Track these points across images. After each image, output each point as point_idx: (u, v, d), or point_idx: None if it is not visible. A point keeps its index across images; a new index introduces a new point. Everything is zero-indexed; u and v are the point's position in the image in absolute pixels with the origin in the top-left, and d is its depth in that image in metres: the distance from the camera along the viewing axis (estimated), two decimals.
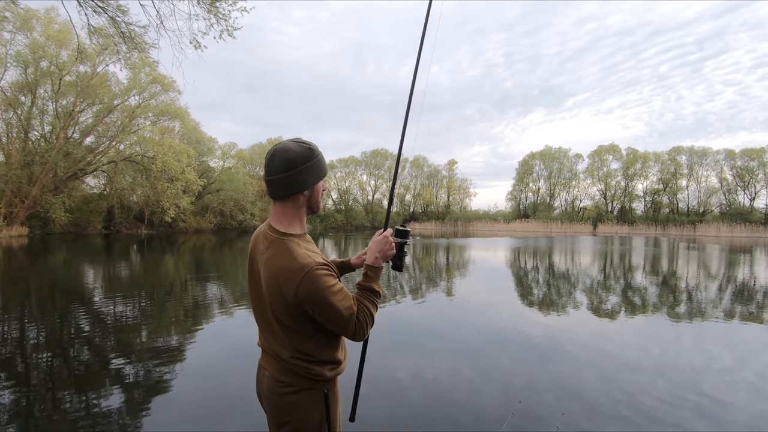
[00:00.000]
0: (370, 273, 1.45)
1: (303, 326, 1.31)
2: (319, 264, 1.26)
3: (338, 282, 1.30)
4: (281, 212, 1.36)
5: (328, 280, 1.25)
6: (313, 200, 1.40)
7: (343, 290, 1.29)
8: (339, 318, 1.27)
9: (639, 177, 54.08)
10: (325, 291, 1.23)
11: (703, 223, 45.98)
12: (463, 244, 25.17)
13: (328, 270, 1.28)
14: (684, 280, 11.53)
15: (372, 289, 1.42)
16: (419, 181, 65.15)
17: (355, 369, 1.71)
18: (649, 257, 18.75)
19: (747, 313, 7.41)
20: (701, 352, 5.17)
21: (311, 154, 1.34)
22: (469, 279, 11.32)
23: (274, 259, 1.28)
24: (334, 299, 1.24)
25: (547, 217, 52.87)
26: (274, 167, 1.31)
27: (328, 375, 1.38)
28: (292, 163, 1.29)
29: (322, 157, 1.38)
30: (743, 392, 3.90)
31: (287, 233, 1.33)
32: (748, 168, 48.18)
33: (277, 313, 1.30)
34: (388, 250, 1.49)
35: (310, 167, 1.33)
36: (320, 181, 1.40)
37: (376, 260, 1.47)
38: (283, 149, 1.31)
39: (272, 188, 1.34)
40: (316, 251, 1.37)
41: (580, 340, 5.53)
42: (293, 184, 1.31)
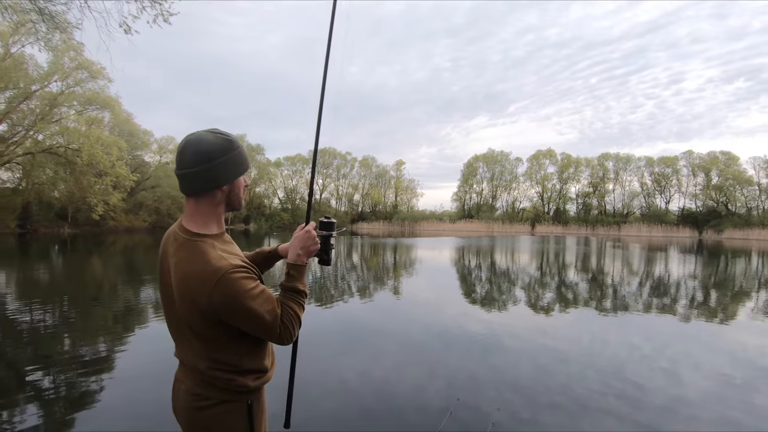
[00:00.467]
0: (293, 272, 1.35)
1: (221, 334, 1.20)
2: (235, 267, 1.15)
3: (258, 284, 1.20)
4: (195, 210, 1.24)
5: (246, 284, 1.15)
6: (233, 196, 1.29)
7: (264, 293, 1.20)
8: (262, 323, 1.18)
9: (572, 180, 58.04)
10: (243, 296, 1.13)
11: (627, 223, 50.30)
12: (410, 244, 25.58)
13: (246, 272, 1.18)
14: (610, 277, 12.53)
15: (296, 288, 1.32)
16: (368, 180, 65.34)
17: (287, 374, 1.63)
18: (580, 255, 20.18)
19: (662, 305, 8.20)
20: (624, 342, 5.64)
21: (230, 146, 1.23)
22: (416, 278, 11.52)
23: (184, 263, 1.17)
24: (253, 304, 1.15)
25: (490, 217, 55.19)
26: (187, 160, 1.18)
27: (252, 385, 1.28)
28: (208, 156, 1.18)
29: (242, 150, 1.27)
30: (659, 377, 4.30)
31: (200, 233, 1.22)
32: (664, 174, 53.36)
33: (191, 321, 1.19)
34: (311, 245, 1.40)
35: (229, 160, 1.22)
36: (241, 176, 1.28)
37: (298, 257, 1.37)
38: (196, 140, 1.19)
39: (184, 183, 1.21)
40: (235, 252, 1.27)
41: (519, 335, 5.82)
42: (209, 178, 1.20)
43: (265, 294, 1.20)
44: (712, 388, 4.04)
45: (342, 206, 65.25)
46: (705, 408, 3.58)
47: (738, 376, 4.40)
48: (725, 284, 11.52)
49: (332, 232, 1.48)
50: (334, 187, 64.98)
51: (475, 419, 3.25)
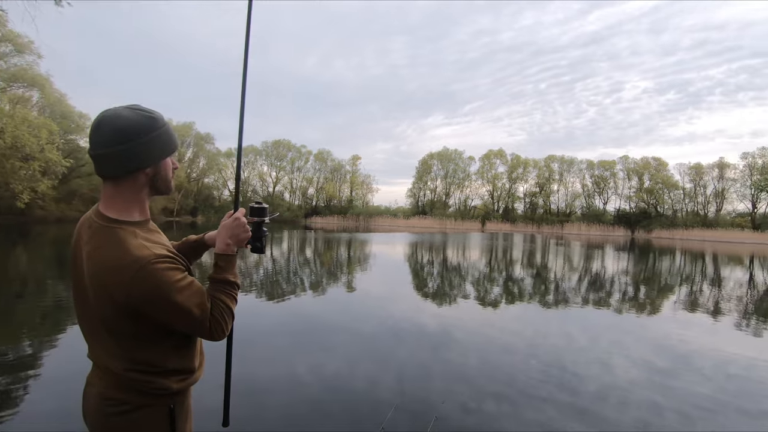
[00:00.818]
0: (222, 263, 1.24)
1: (141, 331, 1.09)
2: (159, 256, 1.05)
3: (186, 276, 1.11)
4: (113, 194, 1.12)
5: (172, 275, 1.05)
6: (159, 179, 1.17)
7: (192, 285, 1.10)
8: (190, 318, 1.08)
9: (520, 180, 60.70)
10: (168, 288, 1.03)
11: (569, 222, 53.43)
12: (364, 239, 25.63)
13: (172, 262, 1.08)
14: (552, 272, 13.26)
15: (226, 280, 1.22)
16: (323, 174, 64.63)
17: (222, 370, 1.45)
18: (526, 252, 21.17)
19: (598, 299, 8.80)
20: (564, 334, 6.00)
21: (154, 123, 1.12)
22: (370, 273, 11.57)
23: (99, 252, 1.05)
24: (180, 297, 1.05)
25: (443, 214, 56.52)
26: (103, 139, 1.07)
27: (175, 387, 1.17)
28: (128, 134, 1.07)
29: (169, 129, 1.17)
30: (594, 366, 4.62)
31: (119, 220, 1.10)
32: (602, 177, 57.15)
33: (106, 317, 1.07)
34: (240, 233, 1.29)
35: (154, 140, 1.11)
36: (168, 157, 1.18)
37: (227, 247, 1.26)
38: (114, 116, 1.07)
39: (100, 165, 1.09)
40: (161, 242, 1.16)
41: (469, 328, 6.02)
42: (130, 159, 1.08)
43: (194, 286, 1.11)
44: (639, 375, 4.40)
45: (296, 200, 64.15)
46: (633, 392, 3.89)
47: (661, 363, 4.82)
48: (652, 280, 12.56)
49: (264, 218, 1.39)
50: (288, 180, 63.73)
51: (421, 411, 3.32)
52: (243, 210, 1.34)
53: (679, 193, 52.41)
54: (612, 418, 3.36)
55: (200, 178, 55.38)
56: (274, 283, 9.18)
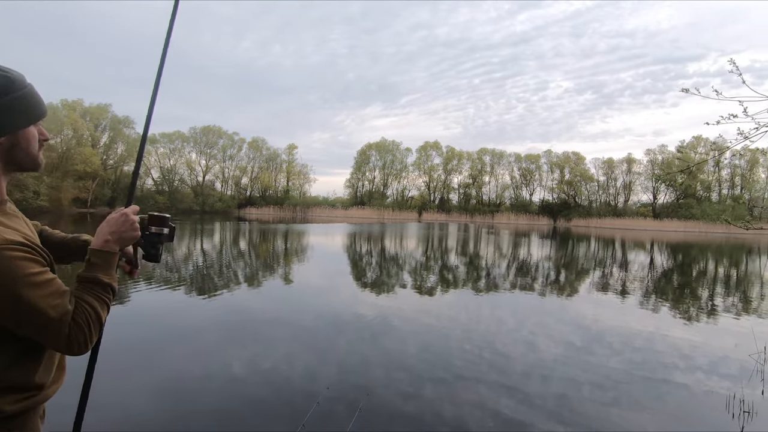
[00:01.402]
0: (96, 260, 1.02)
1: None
2: (10, 242, 0.86)
3: (46, 270, 0.91)
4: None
5: (24, 266, 0.86)
6: (19, 152, 0.98)
7: (50, 283, 0.90)
8: (42, 321, 0.87)
9: (455, 172, 62.94)
10: (17, 282, 0.84)
11: (499, 212, 56.55)
12: (301, 230, 25.17)
13: (27, 252, 0.88)
14: (484, 260, 13.99)
15: (98, 280, 1.00)
16: (257, 163, 62.15)
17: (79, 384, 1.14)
18: (460, 241, 22.10)
19: (524, 284, 9.44)
20: (494, 318, 6.36)
21: (10, 85, 0.93)
22: (308, 264, 11.40)
23: None
24: (31, 294, 0.85)
25: (381, 204, 57.09)
26: None
27: (10, 410, 0.92)
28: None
29: (29, 92, 0.98)
30: (521, 346, 4.96)
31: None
32: (529, 170, 61.04)
33: None
34: (126, 230, 1.08)
35: (9, 103, 0.93)
36: (31, 125, 0.99)
37: (106, 243, 1.04)
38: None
39: None
40: (17, 228, 0.95)
41: (406, 316, 6.17)
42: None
43: (53, 284, 0.91)
44: (560, 352, 4.80)
45: (228, 190, 61.16)
46: (555, 369, 4.23)
47: (578, 341, 5.30)
48: (571, 265, 13.72)
49: (164, 229, 1.19)
50: (219, 169, 60.52)
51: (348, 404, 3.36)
52: (136, 207, 1.15)
53: (594, 185, 57.62)
54: (536, 392, 3.64)
55: (118, 166, 50.69)
56: (205, 277, 8.72)
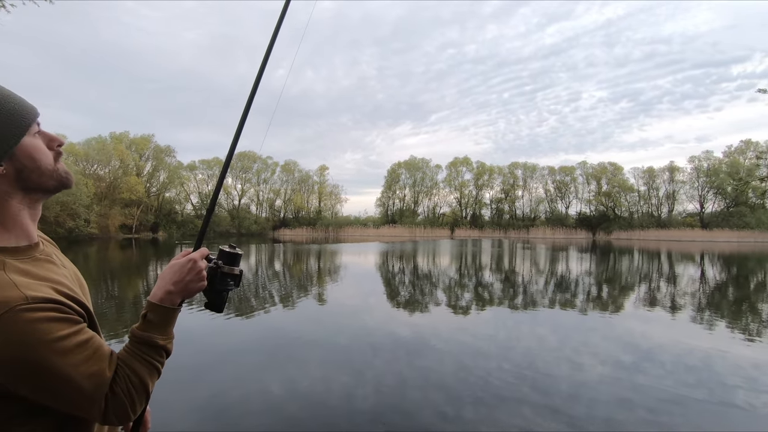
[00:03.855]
0: (153, 317, 0.88)
1: (4, 415, 0.73)
2: (34, 300, 0.71)
3: (79, 329, 0.76)
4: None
5: (51, 329, 0.71)
6: (32, 174, 0.81)
7: (84, 346, 0.75)
8: (73, 393, 0.73)
9: (486, 187, 62.24)
10: (41, 350, 0.69)
11: (534, 227, 55.10)
12: (334, 250, 25.41)
13: (54, 310, 0.73)
14: (520, 276, 13.59)
15: (152, 342, 0.85)
16: (290, 185, 63.76)
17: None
18: (495, 257, 21.62)
19: (564, 300, 9.07)
20: (534, 335, 6.13)
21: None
22: (341, 284, 11.45)
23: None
24: (60, 363, 0.71)
25: (412, 222, 57.00)
26: None
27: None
28: None
29: (11, 100, 0.78)
30: (564, 366, 4.73)
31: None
32: (564, 182, 59.44)
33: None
34: (192, 280, 0.93)
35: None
36: (26, 136, 0.79)
37: (167, 296, 0.90)
38: None
39: None
40: (47, 278, 0.79)
41: (442, 335, 6.05)
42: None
43: (89, 347, 0.76)
44: (607, 372, 4.54)
45: (263, 212, 62.89)
46: (602, 390, 4.00)
47: (626, 359, 5.00)
48: (614, 279, 13.10)
49: (234, 268, 1.07)
50: (254, 192, 62.48)
51: (386, 425, 3.29)
52: (206, 251, 1.00)
53: (635, 195, 55.26)
54: (584, 415, 3.44)
55: (161, 192, 53.35)
56: (242, 299, 8.91)
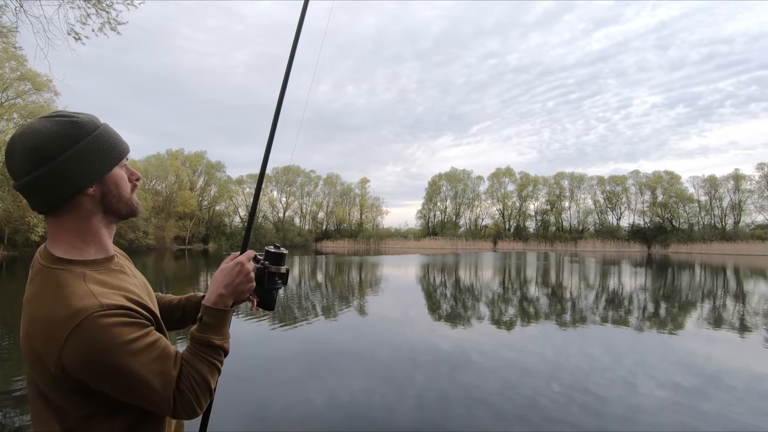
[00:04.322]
0: (208, 319, 0.95)
1: (82, 407, 0.81)
2: (107, 307, 0.78)
3: (147, 333, 0.83)
4: (57, 231, 0.87)
5: (123, 332, 0.78)
6: (112, 198, 0.90)
7: (154, 346, 0.83)
8: (146, 390, 0.81)
9: (531, 198, 60.41)
10: (116, 350, 0.76)
11: (582, 239, 52.70)
12: (375, 262, 25.51)
13: (128, 316, 0.81)
14: (568, 291, 12.98)
15: (209, 342, 0.93)
16: (332, 198, 65.04)
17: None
18: (540, 270, 20.83)
19: (617, 317, 8.55)
20: (584, 354, 5.80)
21: (80, 130, 0.85)
22: (382, 296, 11.45)
23: (33, 303, 0.82)
24: (132, 363, 0.78)
25: (453, 234, 56.22)
26: (18, 165, 0.83)
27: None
28: (45, 152, 0.81)
29: (105, 132, 0.89)
30: (618, 387, 4.43)
31: (65, 259, 0.85)
32: (614, 192, 56.58)
33: (39, 383, 0.82)
34: (241, 282, 1.00)
35: (85, 150, 0.84)
36: (115, 168, 0.90)
37: (219, 299, 0.97)
38: (26, 134, 0.82)
39: (28, 198, 0.86)
40: (121, 287, 0.87)
41: (486, 350, 5.87)
42: (57, 184, 0.83)
43: (156, 348, 0.84)
44: (666, 396, 4.21)
45: (306, 224, 64.43)
46: (661, 415, 3.71)
47: (688, 383, 4.62)
48: (673, 296, 12.20)
49: (281, 267, 1.11)
50: (298, 205, 64.24)
51: None
52: (252, 253, 1.07)
53: (694, 206, 51.53)
54: None
55: (212, 206, 56.16)
56: (286, 309, 9.11)
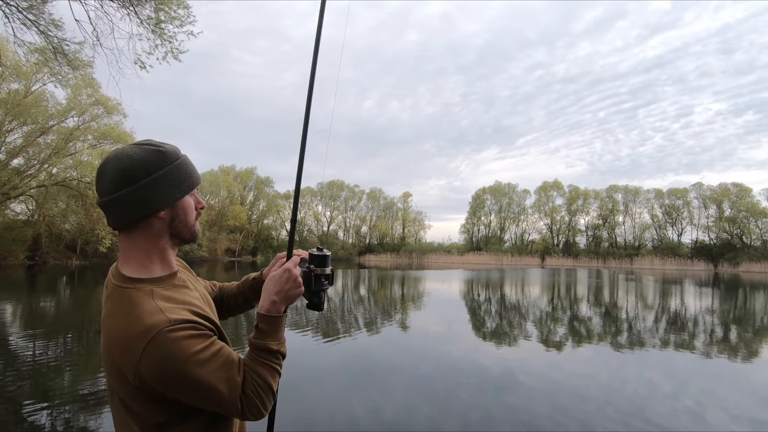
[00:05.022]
0: (264, 326, 1.01)
1: (161, 414, 0.89)
2: (175, 322, 0.85)
3: (211, 342, 0.90)
4: (128, 247, 0.95)
5: (189, 345, 0.85)
6: (179, 224, 0.98)
7: (218, 355, 0.90)
8: (215, 396, 0.88)
9: (581, 212, 57.69)
10: (185, 362, 0.84)
11: (639, 256, 49.41)
12: (418, 276, 25.29)
13: (193, 328, 0.88)
14: (624, 310, 12.17)
15: (267, 348, 0.99)
16: (375, 212, 65.61)
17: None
18: (592, 288, 19.73)
19: (681, 341, 7.88)
20: (644, 379, 5.38)
21: (162, 159, 0.94)
22: (425, 311, 11.29)
23: (109, 321, 0.90)
24: (201, 372, 0.85)
25: (498, 249, 54.74)
26: (105, 184, 0.92)
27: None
28: (131, 175, 0.90)
29: (183, 164, 0.98)
30: (683, 418, 4.06)
31: (134, 278, 0.92)
32: (674, 206, 52.84)
33: (119, 391, 0.90)
34: (291, 288, 1.06)
35: (163, 178, 0.93)
36: (187, 195, 0.99)
37: (272, 306, 1.03)
38: (116, 157, 0.92)
39: (108, 214, 0.94)
40: (185, 301, 0.95)
41: (533, 371, 5.59)
42: (138, 204, 0.91)
43: (221, 356, 0.90)
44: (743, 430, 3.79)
45: (350, 238, 65.30)
46: None
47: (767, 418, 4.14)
48: (746, 319, 11.10)
49: (326, 268, 1.16)
50: (342, 219, 65.32)
51: None
52: (297, 258, 1.13)
53: None
54: None
55: (260, 220, 58.48)
56: (329, 321, 9.20)
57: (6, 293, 14.30)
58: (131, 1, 7.93)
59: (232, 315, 1.36)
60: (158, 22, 8.14)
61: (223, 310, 1.30)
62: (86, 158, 30.55)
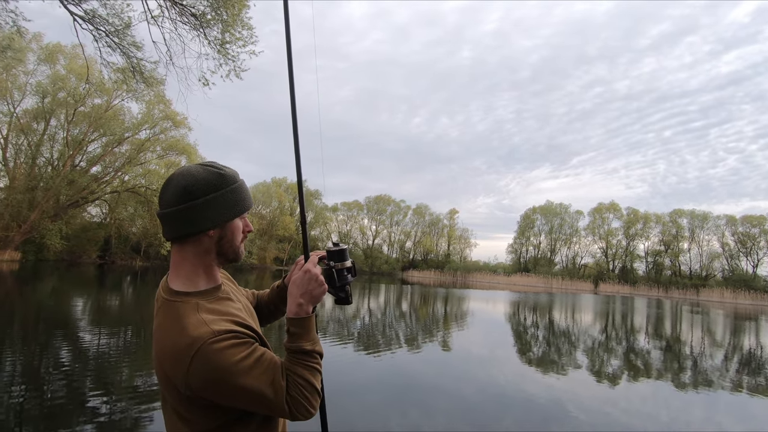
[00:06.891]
0: (294, 329, 1.05)
1: (213, 420, 0.95)
2: (218, 333, 0.90)
3: (253, 350, 0.94)
4: (179, 260, 1.02)
5: (233, 354, 0.89)
6: (225, 244, 1.03)
7: (261, 361, 0.93)
8: (263, 400, 0.92)
9: (640, 237, 54.12)
10: (230, 371, 0.88)
11: (707, 287, 45.35)
12: (462, 295, 24.73)
13: (235, 337, 0.92)
14: (689, 345, 11.16)
15: (302, 350, 1.02)
16: (420, 228, 65.31)
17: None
18: (652, 319, 18.32)
19: (755, 384, 7.09)
20: (712, 423, 4.87)
21: (221, 181, 1.00)
22: (468, 331, 10.97)
23: (159, 333, 0.95)
24: (246, 380, 0.90)
25: (548, 272, 52.40)
26: (167, 197, 0.99)
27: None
28: (191, 192, 0.97)
29: (239, 188, 1.04)
30: None
31: (182, 292, 0.98)
32: (749, 234, 48.25)
33: (170, 399, 0.96)
34: (314, 288, 1.08)
35: (217, 199, 0.99)
36: (237, 218, 1.04)
37: (299, 308, 1.06)
38: (181, 174, 0.99)
39: (164, 225, 1.00)
40: (228, 313, 1.00)
41: (584, 404, 5.24)
42: (192, 220, 0.97)
43: (264, 361, 0.94)
44: None
45: (394, 253, 65.30)
46: None
47: None
48: None
49: (346, 261, 1.16)
50: (387, 234, 65.58)
51: None
52: (315, 258, 1.16)
53: None
54: None
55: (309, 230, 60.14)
56: (370, 336, 9.18)
57: (80, 289, 15.60)
58: (201, 24, 8.58)
59: (268, 323, 1.39)
60: (224, 43, 8.74)
61: (261, 318, 1.33)
62: (154, 167, 33.17)
